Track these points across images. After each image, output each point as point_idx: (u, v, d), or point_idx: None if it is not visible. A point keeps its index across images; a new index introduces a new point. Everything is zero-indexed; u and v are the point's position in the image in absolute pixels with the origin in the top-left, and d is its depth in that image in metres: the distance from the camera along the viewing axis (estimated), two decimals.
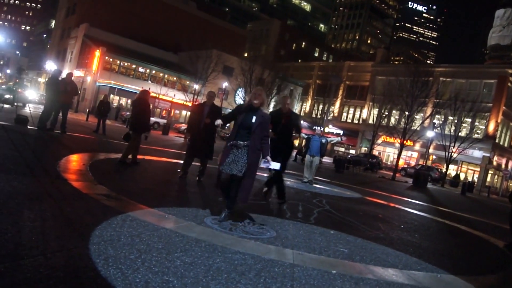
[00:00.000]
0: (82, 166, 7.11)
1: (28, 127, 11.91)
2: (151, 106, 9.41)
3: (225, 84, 42.06)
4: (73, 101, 17.94)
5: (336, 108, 51.29)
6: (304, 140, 13.65)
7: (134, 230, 3.94)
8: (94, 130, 16.56)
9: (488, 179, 43.57)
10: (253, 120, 4.94)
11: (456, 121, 33.79)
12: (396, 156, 32.02)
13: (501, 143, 43.66)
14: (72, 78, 13.61)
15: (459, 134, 33.39)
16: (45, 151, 8.42)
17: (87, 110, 28.51)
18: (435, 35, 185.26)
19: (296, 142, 47.55)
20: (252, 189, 5.45)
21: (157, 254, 3.39)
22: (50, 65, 49.44)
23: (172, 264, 3.24)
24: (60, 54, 55.76)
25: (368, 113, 48.95)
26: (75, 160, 7.72)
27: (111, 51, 41.85)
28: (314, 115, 45.33)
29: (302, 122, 51.04)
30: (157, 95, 41.62)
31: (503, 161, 44.54)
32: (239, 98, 43.70)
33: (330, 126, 50.68)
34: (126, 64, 43.80)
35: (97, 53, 41.25)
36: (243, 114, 5.04)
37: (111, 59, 42.69)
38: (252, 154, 4.94)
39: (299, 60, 67.75)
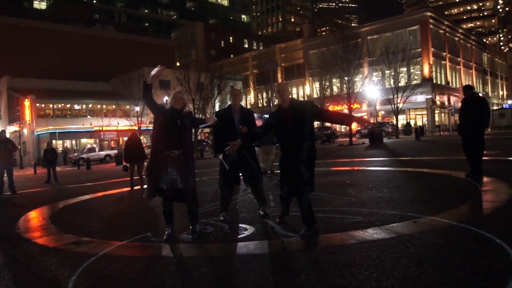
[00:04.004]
0: (42, 221, 6.81)
1: None
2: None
3: (165, 98, 41.42)
4: (15, 158, 17.11)
5: None
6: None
7: (113, 267, 3.83)
8: (46, 181, 15.89)
9: (437, 118, 45.74)
10: (180, 125, 4.69)
11: (393, 73, 35.09)
12: None
13: (439, 82, 45.78)
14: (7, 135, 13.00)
15: (399, 84, 34.69)
16: (0, 218, 8.00)
17: (33, 163, 27.35)
18: None
19: None
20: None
21: (146, 285, 3.31)
22: None
23: None
24: None
25: (310, 89, 49.82)
26: (34, 217, 7.39)
27: (40, 97, 40.11)
28: (260, 105, 45.56)
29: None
30: (100, 128, 40.45)
31: (445, 98, 46.74)
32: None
33: None
34: (60, 105, 42.18)
35: (27, 102, 39.46)
36: (167, 119, 4.68)
37: (43, 105, 40.95)
38: (191, 160, 4.80)
39: (231, 56, 67.79)
